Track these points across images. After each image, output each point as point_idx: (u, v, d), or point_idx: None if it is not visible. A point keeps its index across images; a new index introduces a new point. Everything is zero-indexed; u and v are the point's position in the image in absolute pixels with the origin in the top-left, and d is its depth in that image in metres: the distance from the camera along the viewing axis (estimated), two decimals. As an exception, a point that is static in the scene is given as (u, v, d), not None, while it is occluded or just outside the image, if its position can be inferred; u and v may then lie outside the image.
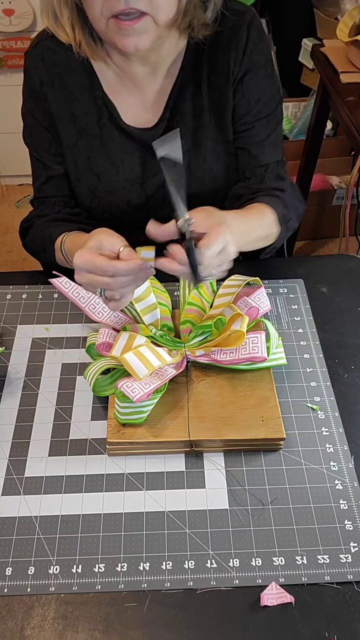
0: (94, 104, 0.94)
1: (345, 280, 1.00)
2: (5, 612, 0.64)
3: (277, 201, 0.93)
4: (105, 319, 0.87)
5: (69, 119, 0.95)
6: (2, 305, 0.96)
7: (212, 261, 0.73)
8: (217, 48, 0.90)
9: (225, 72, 0.91)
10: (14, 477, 0.75)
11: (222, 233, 0.72)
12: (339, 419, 0.80)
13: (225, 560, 0.67)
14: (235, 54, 0.90)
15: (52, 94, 0.94)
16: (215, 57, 0.91)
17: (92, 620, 0.63)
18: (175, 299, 0.95)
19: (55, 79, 0.93)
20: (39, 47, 0.93)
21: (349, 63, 1.63)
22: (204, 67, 0.92)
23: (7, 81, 2.20)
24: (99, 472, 0.75)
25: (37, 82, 0.94)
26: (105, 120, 0.95)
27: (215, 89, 0.93)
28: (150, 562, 0.67)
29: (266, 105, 0.94)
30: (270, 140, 0.96)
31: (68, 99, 0.94)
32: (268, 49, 0.93)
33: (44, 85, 0.94)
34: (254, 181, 0.98)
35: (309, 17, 2.28)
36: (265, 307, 0.87)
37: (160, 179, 0.98)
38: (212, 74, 0.92)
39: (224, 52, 0.90)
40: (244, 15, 0.89)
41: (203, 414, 0.77)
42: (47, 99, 0.94)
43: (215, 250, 0.72)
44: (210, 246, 0.71)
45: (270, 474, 0.74)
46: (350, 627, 0.62)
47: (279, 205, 0.92)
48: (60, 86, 0.93)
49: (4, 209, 2.48)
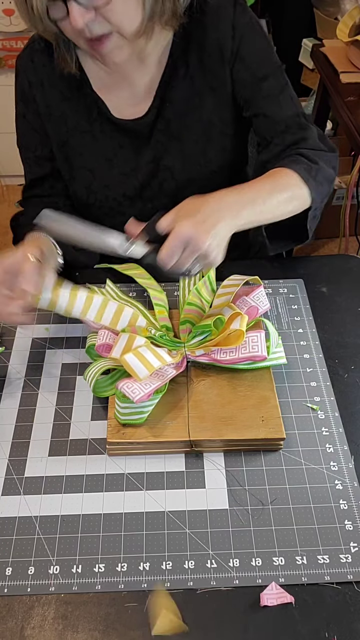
0: (83, 101, 0.95)
1: (345, 280, 1.00)
2: (5, 612, 0.64)
3: (297, 158, 0.89)
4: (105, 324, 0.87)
5: (59, 118, 0.96)
6: (2, 305, 0.96)
7: (181, 261, 0.75)
8: (205, 30, 0.90)
9: (218, 51, 0.90)
10: (14, 477, 0.75)
11: (174, 234, 0.74)
12: (339, 419, 0.80)
13: (225, 560, 0.67)
14: (224, 32, 0.89)
15: (41, 95, 0.95)
16: (203, 39, 0.91)
17: (92, 620, 0.63)
18: (175, 299, 0.95)
19: (44, 79, 0.95)
20: (28, 50, 0.95)
21: (349, 63, 1.63)
22: (194, 52, 0.91)
23: (7, 81, 2.20)
24: (99, 472, 0.75)
25: (26, 83, 0.96)
26: (96, 116, 0.96)
27: (209, 70, 0.92)
28: (150, 562, 0.67)
29: (268, 62, 0.92)
30: (284, 94, 0.93)
31: (58, 98, 0.95)
32: (256, 19, 0.92)
33: (33, 87, 0.95)
34: (276, 142, 0.94)
35: (309, 17, 2.28)
36: (264, 306, 0.87)
37: (153, 167, 0.98)
38: (203, 56, 0.91)
39: (212, 32, 0.90)
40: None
41: (203, 414, 0.77)
42: (36, 99, 0.96)
43: (173, 253, 0.74)
44: (165, 252, 0.74)
45: (270, 474, 0.74)
46: (350, 627, 0.62)
47: (301, 161, 0.88)
48: (50, 86, 0.95)
49: (4, 209, 2.48)
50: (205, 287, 0.92)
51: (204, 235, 0.73)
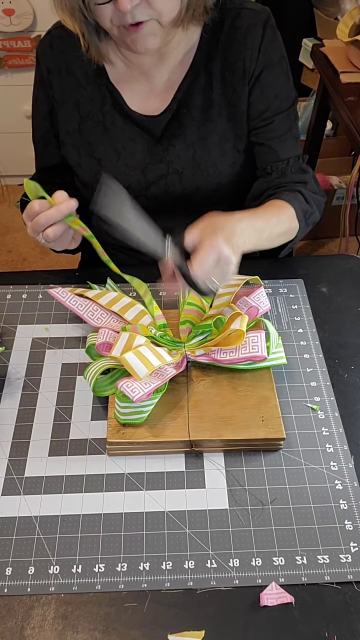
0: (98, 90, 0.96)
1: (345, 280, 1.00)
2: (5, 612, 0.64)
3: (297, 196, 0.93)
4: (105, 324, 0.87)
5: (73, 105, 0.98)
6: (2, 305, 0.96)
7: (210, 272, 0.75)
8: (232, 45, 0.91)
9: (240, 69, 0.92)
10: (14, 477, 0.75)
11: (211, 245, 0.74)
12: (339, 419, 0.80)
13: (225, 560, 0.67)
14: (251, 52, 0.91)
15: (58, 81, 0.97)
16: (229, 53, 0.92)
17: (92, 620, 0.63)
18: (175, 299, 0.95)
19: (62, 66, 0.96)
20: (49, 36, 0.97)
21: (349, 63, 1.63)
22: (217, 63, 0.92)
23: (7, 81, 2.20)
24: (99, 472, 0.75)
25: (45, 69, 0.98)
26: (109, 107, 0.97)
27: (229, 85, 0.93)
28: (150, 562, 0.67)
29: (284, 100, 0.95)
30: (291, 133, 0.98)
31: (74, 85, 0.97)
32: (282, 47, 0.95)
33: (50, 73, 0.97)
34: (275, 175, 0.98)
35: (309, 17, 2.28)
36: (264, 306, 0.87)
37: (163, 168, 0.99)
38: (226, 70, 0.93)
39: (239, 49, 0.91)
40: (259, 15, 0.91)
41: (203, 414, 0.77)
42: (52, 85, 0.98)
43: (208, 265, 0.74)
44: (201, 261, 0.74)
45: (270, 474, 0.74)
46: (350, 627, 0.62)
47: (300, 200, 0.93)
48: (67, 73, 0.96)
49: (4, 209, 2.48)
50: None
51: (234, 253, 0.76)
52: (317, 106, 1.81)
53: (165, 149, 0.98)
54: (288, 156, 0.98)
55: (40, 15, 2.04)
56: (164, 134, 0.97)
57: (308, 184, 0.97)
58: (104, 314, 0.88)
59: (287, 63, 0.96)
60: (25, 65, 2.15)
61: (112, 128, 0.98)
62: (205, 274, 0.75)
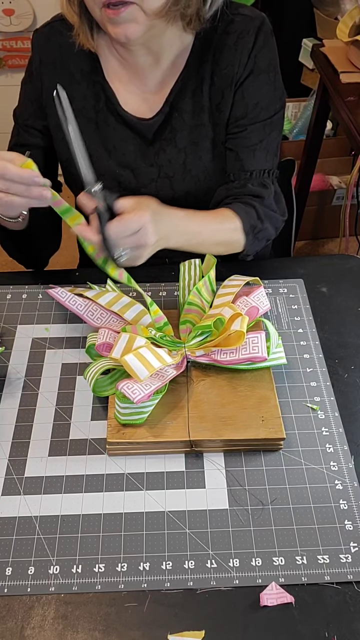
0: (92, 88, 0.96)
1: (345, 280, 1.00)
2: (5, 612, 0.64)
3: (250, 210, 0.93)
4: (105, 324, 0.87)
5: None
6: (2, 305, 0.96)
7: (123, 239, 0.76)
8: (224, 50, 0.91)
9: (230, 75, 0.91)
10: (14, 477, 0.75)
11: (139, 215, 0.75)
12: (339, 419, 0.80)
13: (225, 560, 0.67)
14: (241, 58, 0.90)
15: (51, 74, 0.96)
16: (220, 58, 0.91)
17: (92, 620, 0.63)
18: (175, 299, 0.95)
19: (57, 60, 0.95)
20: (47, 28, 0.96)
21: (349, 63, 1.63)
22: (208, 67, 0.92)
23: (7, 81, 2.20)
24: (99, 472, 0.75)
25: (37, 60, 0.97)
26: (102, 105, 0.96)
27: (217, 90, 0.93)
28: (150, 562, 0.67)
29: (264, 111, 0.94)
30: (262, 146, 0.96)
31: (67, 81, 0.95)
32: (273, 55, 0.93)
33: (43, 65, 0.96)
34: (236, 185, 0.97)
35: (309, 17, 2.28)
36: (264, 306, 0.87)
37: (153, 172, 0.98)
38: (216, 75, 0.92)
39: (230, 55, 0.91)
40: (253, 21, 0.91)
41: (203, 414, 0.77)
42: (42, 78, 0.97)
43: (127, 228, 0.75)
44: (122, 222, 0.74)
45: (270, 474, 0.74)
46: (350, 627, 0.62)
47: (251, 215, 0.93)
48: (61, 68, 0.96)
49: (4, 209, 2.47)
50: (205, 287, 0.92)
51: (154, 235, 0.77)
52: (317, 106, 1.81)
53: (156, 153, 0.97)
54: (253, 168, 0.96)
55: (40, 15, 2.04)
56: (156, 138, 0.97)
57: (265, 199, 0.96)
58: (104, 313, 0.89)
59: (278, 73, 0.94)
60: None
61: (104, 127, 0.97)
62: (119, 236, 0.75)
